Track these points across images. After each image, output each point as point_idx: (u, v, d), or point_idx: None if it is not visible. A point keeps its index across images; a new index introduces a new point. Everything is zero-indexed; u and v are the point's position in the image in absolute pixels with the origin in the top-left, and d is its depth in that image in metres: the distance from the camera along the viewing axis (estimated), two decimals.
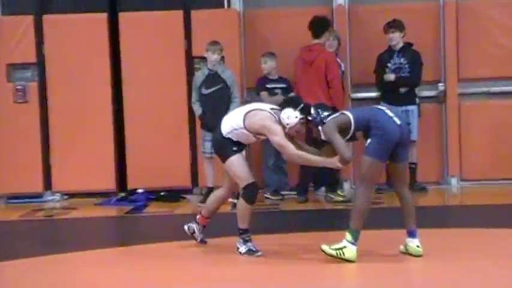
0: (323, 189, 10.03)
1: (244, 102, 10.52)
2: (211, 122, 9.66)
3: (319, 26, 9.83)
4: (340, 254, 6.32)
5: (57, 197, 10.80)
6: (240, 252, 6.87)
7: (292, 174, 10.21)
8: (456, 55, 10.66)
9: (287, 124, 6.70)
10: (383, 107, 6.72)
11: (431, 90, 10.71)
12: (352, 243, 6.33)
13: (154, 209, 9.95)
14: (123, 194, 10.58)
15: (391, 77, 10.12)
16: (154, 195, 10.36)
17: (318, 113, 6.63)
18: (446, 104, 10.70)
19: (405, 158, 6.57)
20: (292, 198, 10.07)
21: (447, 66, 10.68)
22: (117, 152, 10.77)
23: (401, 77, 10.12)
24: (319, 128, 6.59)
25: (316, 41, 9.81)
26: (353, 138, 6.61)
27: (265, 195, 10.16)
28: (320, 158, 6.69)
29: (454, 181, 10.68)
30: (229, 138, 6.90)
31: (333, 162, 6.59)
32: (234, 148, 6.89)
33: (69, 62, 10.59)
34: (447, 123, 10.66)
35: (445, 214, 9.10)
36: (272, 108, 6.88)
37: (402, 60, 10.17)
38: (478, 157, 10.63)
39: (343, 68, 10.37)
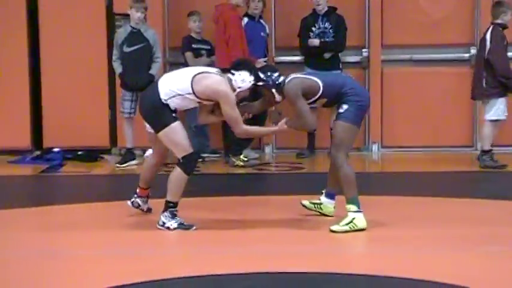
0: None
1: (167, 63, 10.40)
2: (131, 81, 9.51)
3: None
4: (353, 226, 6.24)
5: None
6: (168, 228, 6.28)
7: (213, 137, 10.11)
8: (380, 21, 10.65)
9: (239, 88, 6.29)
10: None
11: (355, 56, 10.69)
12: (358, 211, 6.28)
13: (70, 168, 9.75)
14: (38, 153, 10.34)
15: (315, 41, 10.05)
16: (71, 154, 10.14)
17: (268, 76, 6.35)
18: (369, 70, 10.70)
19: None
20: (212, 161, 9.98)
21: (371, 32, 10.66)
22: (33, 109, 10.49)
23: (325, 42, 10.07)
24: (273, 90, 6.36)
25: (228, 1, 9.69)
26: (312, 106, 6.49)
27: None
28: (267, 128, 6.45)
29: (374, 147, 10.72)
30: (167, 105, 6.24)
31: (280, 127, 6.35)
32: (174, 114, 6.25)
33: None
34: (370, 89, 10.65)
35: (365, 181, 9.11)
36: (217, 71, 6.46)
37: (327, 24, 10.11)
38: (399, 124, 10.68)
39: (267, 31, 10.29)
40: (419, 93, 10.64)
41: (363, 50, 10.72)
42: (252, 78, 6.33)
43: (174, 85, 6.26)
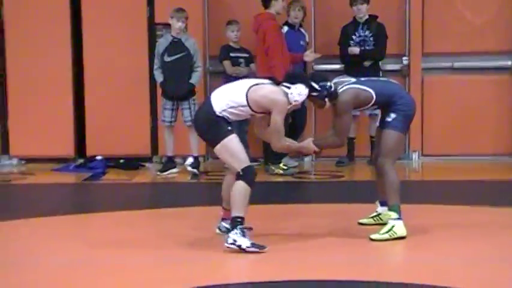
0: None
1: (207, 71, 10.48)
2: (172, 90, 9.61)
3: None
4: (393, 234, 6.25)
5: (14, 161, 10.66)
6: (240, 246, 5.91)
7: (252, 145, 10.14)
8: (421, 29, 10.63)
9: (295, 101, 6.13)
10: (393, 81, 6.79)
11: (395, 64, 10.68)
12: (398, 219, 6.30)
13: (112, 176, 9.86)
14: (81, 161, 10.47)
15: (355, 50, 10.07)
16: (113, 162, 10.26)
17: (322, 86, 6.20)
18: (409, 78, 10.68)
19: None
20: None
21: (412, 40, 10.65)
22: (76, 117, 10.63)
23: (365, 50, 10.08)
24: (326, 99, 6.26)
25: (267, 11, 9.71)
26: None
27: (225, 166, 10.05)
28: (298, 144, 6.38)
29: (415, 156, 10.69)
30: (222, 117, 6.07)
31: (309, 146, 6.32)
32: (229, 127, 6.06)
33: (29, 24, 10.42)
34: None
35: (405, 189, 9.06)
36: (271, 82, 6.24)
37: (367, 32, 10.13)
38: (439, 132, 10.64)
39: (307, 39, 10.31)
40: (460, 102, 10.60)
41: (403, 58, 10.71)
42: (307, 91, 6.17)
43: (229, 97, 6.09)
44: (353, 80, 6.58)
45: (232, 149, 6.06)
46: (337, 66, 10.46)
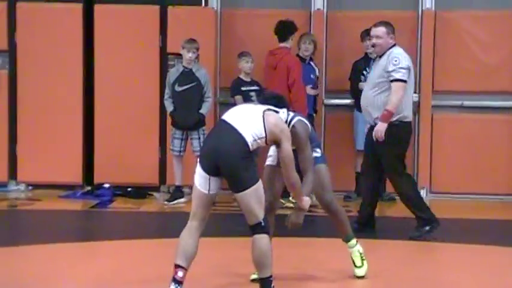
0: None
1: (218, 102, 10.49)
2: (182, 120, 9.64)
3: (285, 29, 9.72)
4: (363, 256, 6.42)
5: (21, 187, 10.66)
6: None
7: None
8: (432, 66, 10.62)
9: None
10: None
11: None
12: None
13: (120, 204, 9.84)
14: (89, 188, 10.45)
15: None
16: (120, 190, 10.24)
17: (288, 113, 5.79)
18: (419, 115, 10.66)
19: None
20: None
21: (422, 77, 10.64)
22: (85, 145, 10.63)
23: None
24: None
25: (283, 44, 9.72)
26: None
27: (233, 197, 10.04)
28: (301, 190, 5.62)
29: (423, 192, 10.64)
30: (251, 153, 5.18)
31: (305, 203, 5.73)
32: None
33: (41, 51, 10.46)
34: (419, 134, 10.63)
35: (412, 226, 9.05)
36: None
37: None
38: (448, 170, 10.61)
39: (317, 74, 10.31)
40: (469, 140, 10.56)
41: (414, 94, 10.66)
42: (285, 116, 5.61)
43: (252, 128, 5.24)
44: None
45: (261, 195, 5.28)
46: (347, 101, 10.48)
